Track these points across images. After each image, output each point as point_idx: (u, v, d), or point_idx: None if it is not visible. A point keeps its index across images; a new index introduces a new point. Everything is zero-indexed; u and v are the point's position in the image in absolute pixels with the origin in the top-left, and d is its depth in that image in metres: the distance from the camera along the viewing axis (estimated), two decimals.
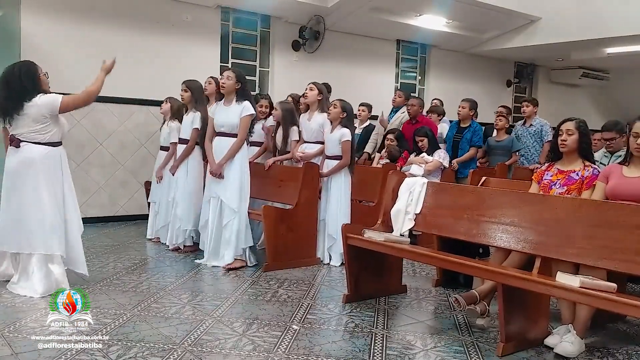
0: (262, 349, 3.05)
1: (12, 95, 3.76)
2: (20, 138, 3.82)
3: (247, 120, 4.74)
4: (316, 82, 5.31)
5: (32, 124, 3.78)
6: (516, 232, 3.43)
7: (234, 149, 4.73)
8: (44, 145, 3.84)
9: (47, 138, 3.85)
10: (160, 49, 6.98)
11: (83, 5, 6.48)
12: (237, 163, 4.75)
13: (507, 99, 11.07)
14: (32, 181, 3.81)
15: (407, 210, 4.07)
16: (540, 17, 8.86)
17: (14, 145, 3.83)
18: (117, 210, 6.90)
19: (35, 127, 3.79)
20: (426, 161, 5.86)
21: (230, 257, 4.74)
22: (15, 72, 3.80)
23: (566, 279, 2.87)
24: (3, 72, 3.84)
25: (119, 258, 5.02)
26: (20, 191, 3.82)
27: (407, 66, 9.91)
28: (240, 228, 4.75)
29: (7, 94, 3.77)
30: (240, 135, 4.75)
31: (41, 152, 3.83)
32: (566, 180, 3.58)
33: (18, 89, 3.75)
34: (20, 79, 3.76)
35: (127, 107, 6.84)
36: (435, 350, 3.16)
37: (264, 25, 8.14)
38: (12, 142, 3.85)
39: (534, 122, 6.94)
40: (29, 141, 3.81)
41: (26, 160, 3.81)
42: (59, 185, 3.90)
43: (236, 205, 4.70)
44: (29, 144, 3.82)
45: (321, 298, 4.09)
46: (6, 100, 3.77)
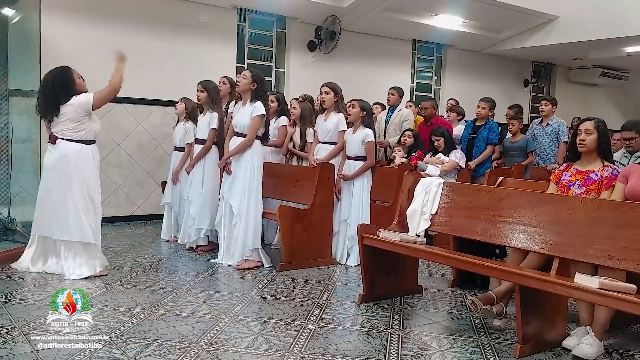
0: (277, 348, 3.06)
1: (48, 101, 4.19)
2: (57, 135, 4.21)
3: (256, 120, 4.74)
4: (329, 83, 5.28)
5: (69, 123, 4.18)
6: (534, 232, 3.40)
7: (240, 146, 4.76)
8: (77, 142, 4.22)
9: (80, 136, 4.24)
10: (177, 50, 7.04)
11: (102, 7, 6.57)
12: (245, 163, 4.77)
13: (524, 98, 10.99)
14: (66, 175, 4.19)
15: (423, 211, 4.06)
16: (557, 16, 8.78)
17: (51, 141, 4.24)
18: (134, 209, 6.97)
19: (71, 125, 4.18)
20: (442, 161, 5.84)
21: (239, 256, 4.76)
22: (49, 80, 4.21)
23: (585, 280, 2.84)
24: (42, 80, 4.27)
25: (136, 257, 5.07)
26: (56, 184, 4.21)
27: (423, 66, 9.88)
28: (248, 228, 4.76)
29: (44, 101, 4.21)
30: (249, 135, 4.76)
31: (75, 149, 4.21)
32: (585, 181, 3.54)
33: (52, 95, 4.17)
34: (53, 87, 4.18)
35: (144, 107, 6.91)
36: (451, 351, 3.15)
37: (279, 25, 8.17)
38: (50, 138, 4.26)
39: (551, 122, 6.87)
40: (64, 138, 4.20)
41: (61, 156, 4.20)
42: (90, 180, 4.29)
43: (237, 207, 4.73)
44: (64, 141, 4.21)
45: (337, 298, 4.09)
46: (44, 106, 4.22)
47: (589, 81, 11.57)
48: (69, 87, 4.20)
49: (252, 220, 4.78)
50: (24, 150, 5.62)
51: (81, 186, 4.23)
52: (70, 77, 4.23)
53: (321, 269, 4.89)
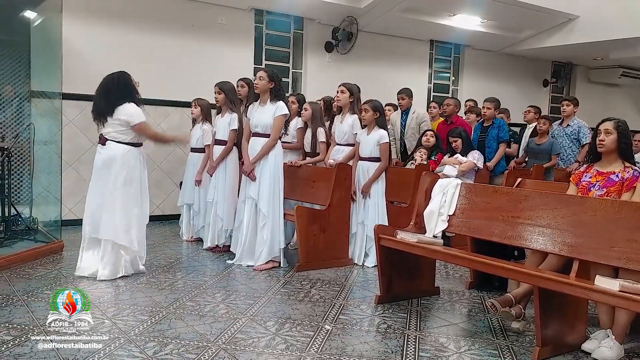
0: (294, 348, 3.07)
1: (110, 101, 4.28)
2: (106, 137, 4.32)
3: (280, 120, 4.76)
4: (347, 83, 5.30)
5: (117, 125, 4.29)
6: (553, 234, 3.36)
7: (266, 148, 4.76)
8: (124, 144, 4.31)
9: (128, 138, 4.33)
10: (194, 51, 7.10)
11: (121, 10, 6.66)
12: (270, 164, 4.77)
13: (544, 99, 10.87)
14: (111, 176, 4.28)
15: (440, 212, 4.04)
16: (578, 16, 8.67)
17: (101, 142, 4.36)
18: (153, 210, 7.02)
19: (119, 128, 4.29)
20: (460, 162, 5.80)
21: (266, 257, 4.78)
22: (114, 82, 4.32)
23: (605, 283, 2.80)
24: (103, 81, 4.35)
25: (155, 257, 5.12)
26: (101, 183, 4.30)
27: (441, 66, 9.83)
28: (274, 229, 4.78)
29: (105, 100, 4.30)
30: (273, 135, 4.77)
31: (122, 151, 4.30)
32: (606, 182, 3.49)
33: (114, 96, 4.28)
34: (118, 88, 4.30)
35: (163, 108, 6.98)
36: (469, 353, 3.13)
37: (297, 26, 8.20)
38: (100, 140, 4.37)
39: (571, 123, 6.79)
40: (113, 140, 4.29)
41: (109, 157, 4.30)
42: (135, 182, 4.35)
43: (266, 208, 4.73)
44: (113, 142, 4.30)
45: (353, 299, 4.09)
46: (103, 106, 4.30)
47: (609, 81, 11.40)
48: (131, 89, 4.35)
49: (277, 221, 4.79)
50: (46, 151, 5.72)
51: (124, 187, 4.29)
52: (131, 82, 4.37)
53: (338, 270, 4.90)
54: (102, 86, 4.34)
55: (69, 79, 5.71)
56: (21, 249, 4.79)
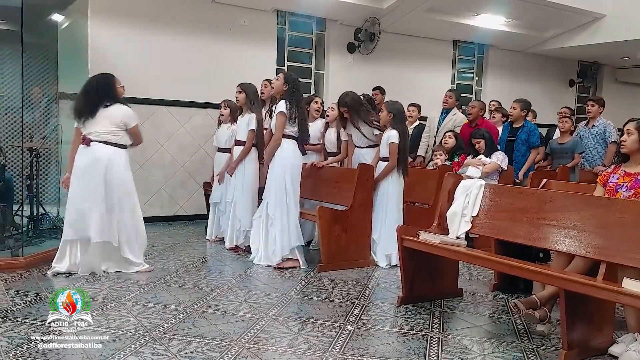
0: (317, 348, 3.08)
1: (88, 103, 4.32)
2: (91, 137, 4.27)
3: (278, 118, 4.80)
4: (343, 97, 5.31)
5: (110, 125, 4.30)
6: (579, 236, 3.31)
7: (268, 149, 4.88)
8: (111, 145, 4.29)
9: (118, 139, 4.34)
10: (218, 53, 7.17)
11: (147, 13, 6.75)
12: (274, 164, 4.84)
13: (570, 99, 10.70)
14: (96, 177, 4.26)
15: (463, 213, 4.00)
16: (604, 15, 8.52)
17: (85, 143, 4.31)
18: (177, 210, 7.12)
19: (112, 128, 4.30)
20: (484, 163, 5.75)
21: (279, 255, 4.80)
22: (93, 84, 4.37)
23: (633, 286, 2.75)
24: (85, 83, 4.42)
25: (178, 256, 5.17)
26: (86, 185, 4.27)
27: (464, 67, 9.75)
28: (284, 227, 4.80)
29: (85, 101, 4.34)
30: (275, 134, 4.83)
31: (109, 152, 4.27)
32: (633, 183, 3.43)
33: (94, 98, 4.31)
34: (96, 90, 4.33)
35: (187, 110, 7.05)
36: (492, 356, 3.10)
37: (319, 28, 8.21)
38: (84, 141, 4.32)
39: (597, 123, 6.67)
40: (99, 140, 4.28)
41: (94, 158, 4.27)
42: (125, 182, 4.37)
43: (272, 207, 4.78)
44: (99, 143, 4.28)
45: (375, 299, 4.08)
46: (84, 106, 4.33)
47: (637, 81, 11.19)
48: (111, 92, 4.37)
49: (287, 220, 4.81)
50: None
51: (108, 188, 4.29)
52: (112, 84, 4.40)
53: (360, 270, 4.89)
54: (84, 89, 4.39)
55: None
56: (49, 248, 4.88)
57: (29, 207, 5.24)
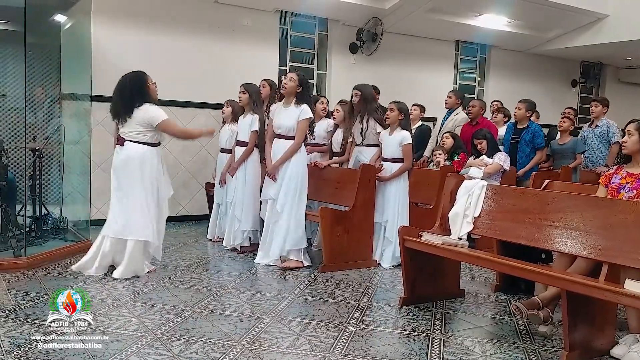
0: (318, 348, 3.08)
1: (124, 101, 4.35)
2: (124, 137, 4.37)
3: (304, 123, 4.79)
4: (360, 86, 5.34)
5: (137, 126, 4.34)
6: (582, 237, 3.30)
7: (290, 151, 4.79)
8: (143, 144, 4.36)
9: (146, 138, 4.38)
10: (220, 53, 7.18)
11: (149, 13, 6.76)
12: (292, 166, 4.80)
13: (572, 99, 10.68)
14: (131, 175, 4.35)
15: (465, 214, 4.00)
16: (607, 14, 8.51)
17: (119, 143, 4.41)
18: (179, 210, 7.12)
19: (139, 128, 4.34)
20: (486, 163, 5.74)
21: (276, 254, 4.81)
22: (126, 83, 4.38)
23: (635, 287, 2.74)
24: (119, 81, 4.42)
25: (181, 257, 5.18)
26: (123, 184, 4.37)
27: (466, 67, 9.74)
28: (289, 227, 4.79)
29: (120, 102, 4.38)
30: (297, 138, 4.80)
31: (140, 150, 4.35)
32: (636, 184, 3.43)
33: (128, 95, 4.34)
34: (131, 90, 4.35)
35: (189, 110, 7.05)
36: (494, 357, 3.09)
37: (321, 28, 8.22)
38: (119, 140, 4.43)
39: (600, 123, 6.66)
40: (131, 140, 4.35)
41: (127, 157, 4.35)
42: (154, 181, 4.42)
43: (280, 206, 4.77)
44: (131, 142, 4.35)
45: (377, 300, 4.08)
46: (120, 107, 4.38)
47: None
48: (143, 90, 4.37)
49: (294, 220, 4.81)
50: (75, 152, 5.84)
51: (144, 186, 4.35)
52: (145, 82, 4.40)
53: (362, 271, 4.89)
54: (117, 89, 4.40)
55: (99, 81, 5.83)
56: (51, 248, 4.90)
57: (32, 207, 5.26)
